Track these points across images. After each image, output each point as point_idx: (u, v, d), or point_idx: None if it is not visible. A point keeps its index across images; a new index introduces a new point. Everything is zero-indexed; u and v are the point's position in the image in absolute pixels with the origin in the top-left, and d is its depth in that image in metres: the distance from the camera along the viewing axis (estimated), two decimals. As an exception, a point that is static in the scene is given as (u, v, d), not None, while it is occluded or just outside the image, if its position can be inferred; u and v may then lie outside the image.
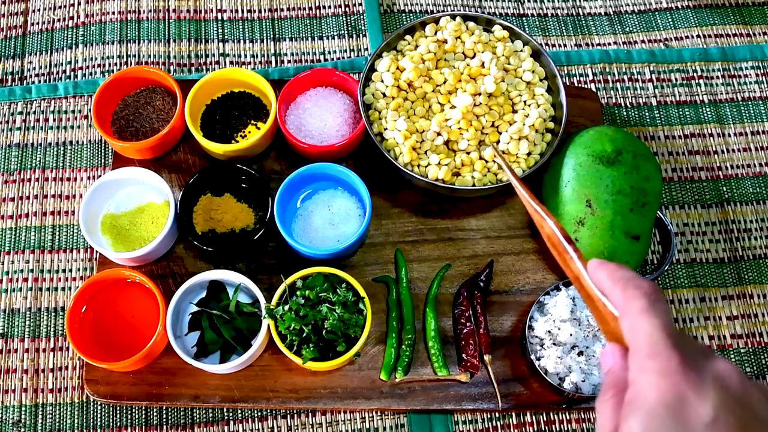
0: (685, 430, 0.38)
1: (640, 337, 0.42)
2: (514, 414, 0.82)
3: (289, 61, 1.01)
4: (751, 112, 0.99)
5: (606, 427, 0.42)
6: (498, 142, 0.85)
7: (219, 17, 1.04)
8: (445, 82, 0.86)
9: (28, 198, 0.92)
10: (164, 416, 0.82)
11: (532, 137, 0.84)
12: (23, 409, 0.82)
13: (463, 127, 0.83)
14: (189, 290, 0.81)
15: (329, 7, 1.05)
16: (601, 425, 0.43)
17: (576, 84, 1.00)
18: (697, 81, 1.01)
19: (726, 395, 0.39)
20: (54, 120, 0.96)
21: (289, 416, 0.82)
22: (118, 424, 0.81)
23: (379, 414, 0.82)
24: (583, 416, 0.82)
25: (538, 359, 0.78)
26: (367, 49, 1.02)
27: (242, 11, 1.04)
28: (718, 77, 1.01)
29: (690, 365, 0.40)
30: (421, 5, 1.05)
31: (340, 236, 0.84)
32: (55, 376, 0.84)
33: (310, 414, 0.82)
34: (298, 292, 0.77)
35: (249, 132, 0.90)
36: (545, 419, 0.82)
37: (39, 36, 1.02)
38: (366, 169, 0.89)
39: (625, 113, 0.98)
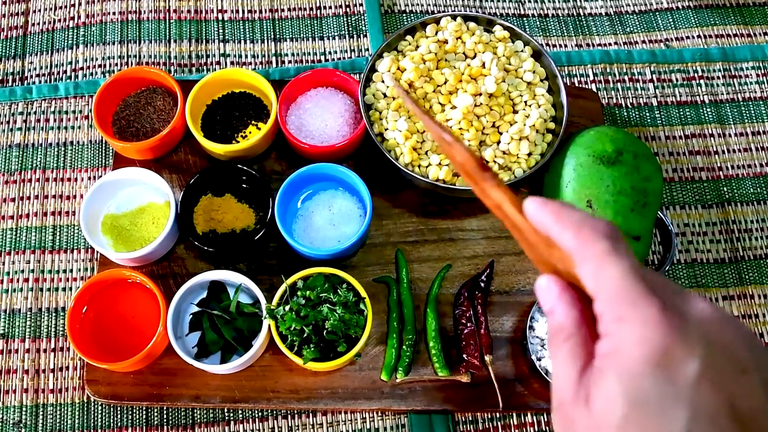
0: (673, 393, 0.33)
1: (608, 283, 0.36)
2: (514, 414, 0.82)
3: (289, 62, 1.01)
4: (752, 112, 0.99)
5: (567, 378, 0.37)
6: (499, 142, 0.85)
7: (220, 18, 1.04)
8: (445, 83, 0.86)
9: (28, 198, 0.92)
10: (165, 417, 0.82)
11: (533, 137, 0.84)
12: (24, 409, 0.82)
13: (463, 127, 0.83)
14: (189, 291, 0.81)
15: (330, 7, 1.05)
16: (561, 377, 0.37)
17: (576, 84, 0.99)
18: (697, 81, 1.01)
19: (711, 346, 0.34)
20: (55, 120, 0.96)
21: (289, 416, 0.82)
22: (119, 424, 0.81)
23: (379, 414, 0.82)
24: (583, 417, 0.82)
25: (539, 359, 0.78)
26: (367, 50, 1.02)
27: (243, 11, 1.04)
28: (718, 77, 1.01)
29: (672, 313, 0.35)
30: (422, 5, 1.05)
31: (340, 236, 0.84)
32: (56, 377, 0.84)
33: (310, 414, 0.82)
34: (298, 293, 0.77)
35: (250, 132, 0.90)
36: (546, 419, 0.82)
37: (40, 36, 1.02)
38: (366, 170, 0.89)
39: (625, 113, 0.98)
